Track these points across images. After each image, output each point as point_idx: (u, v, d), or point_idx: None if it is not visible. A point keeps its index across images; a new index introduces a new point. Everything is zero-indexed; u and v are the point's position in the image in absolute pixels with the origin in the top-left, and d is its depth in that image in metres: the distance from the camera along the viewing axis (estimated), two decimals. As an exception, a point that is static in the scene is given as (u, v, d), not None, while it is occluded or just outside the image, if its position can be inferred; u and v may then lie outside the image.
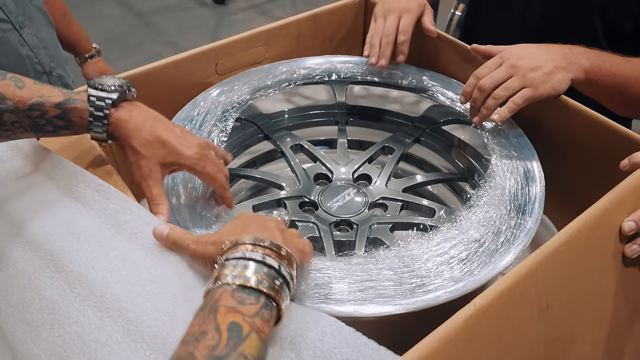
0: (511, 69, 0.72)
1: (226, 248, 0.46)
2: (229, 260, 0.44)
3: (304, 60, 0.93)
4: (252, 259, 0.44)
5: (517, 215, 0.64)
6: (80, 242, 0.53)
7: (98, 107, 0.56)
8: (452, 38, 0.90)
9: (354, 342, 0.44)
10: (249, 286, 0.42)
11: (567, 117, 0.75)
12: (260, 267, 0.43)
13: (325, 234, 0.74)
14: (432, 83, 0.89)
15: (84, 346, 0.46)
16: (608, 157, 0.67)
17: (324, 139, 0.98)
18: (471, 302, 0.48)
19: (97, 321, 0.47)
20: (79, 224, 0.54)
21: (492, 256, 0.59)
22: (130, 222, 0.54)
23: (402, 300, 0.54)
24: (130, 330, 0.46)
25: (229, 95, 0.85)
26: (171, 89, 0.85)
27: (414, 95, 0.94)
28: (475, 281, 0.56)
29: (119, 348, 0.45)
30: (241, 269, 0.43)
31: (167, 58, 0.84)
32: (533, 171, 0.71)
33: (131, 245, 0.52)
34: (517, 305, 0.50)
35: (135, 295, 0.48)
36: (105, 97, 0.57)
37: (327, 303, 0.53)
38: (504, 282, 0.49)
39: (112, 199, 0.56)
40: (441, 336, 0.45)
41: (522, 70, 0.71)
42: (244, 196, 0.93)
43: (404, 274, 0.57)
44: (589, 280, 0.56)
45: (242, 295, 0.41)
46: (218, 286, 0.42)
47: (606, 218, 0.57)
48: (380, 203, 0.80)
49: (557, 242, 0.53)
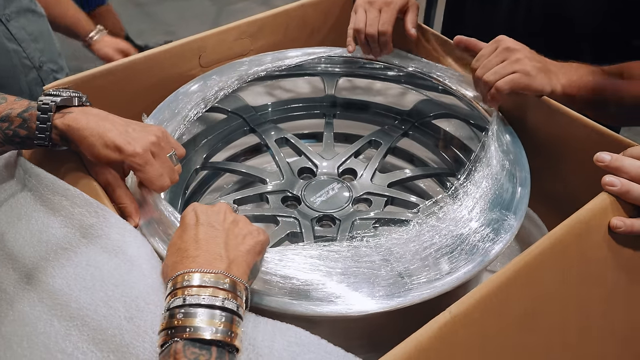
0: (505, 52, 0.69)
1: (169, 292, 0.43)
2: (175, 310, 0.41)
3: (291, 51, 0.90)
4: (199, 304, 0.41)
5: (500, 211, 0.61)
6: (48, 251, 0.51)
7: (43, 109, 0.55)
8: (436, 33, 0.86)
9: (319, 350, 0.43)
10: (200, 338, 0.40)
11: (555, 118, 0.72)
12: (208, 312, 0.41)
13: (307, 229, 0.72)
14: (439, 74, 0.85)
15: (51, 357, 0.45)
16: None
17: (312, 132, 0.96)
18: (447, 309, 0.46)
19: (63, 331, 0.46)
20: (47, 233, 0.53)
21: (472, 254, 0.56)
22: (95, 225, 0.53)
23: (374, 300, 0.51)
24: (96, 340, 0.45)
25: (209, 86, 0.82)
26: (153, 81, 0.82)
27: (405, 88, 0.91)
28: (455, 279, 0.53)
29: (84, 358, 0.44)
30: (190, 318, 0.40)
31: (148, 50, 0.82)
32: (521, 169, 0.68)
33: (96, 249, 0.51)
34: (498, 312, 0.48)
35: (98, 302, 0.46)
36: (50, 100, 0.55)
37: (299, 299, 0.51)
38: (482, 289, 0.47)
39: (78, 203, 0.54)
40: (413, 345, 0.43)
41: (516, 55, 0.68)
42: (231, 189, 0.91)
43: (381, 269, 0.54)
44: (575, 286, 0.54)
45: (195, 351, 0.39)
46: (168, 345, 0.40)
47: (595, 223, 0.55)
48: (365, 198, 0.78)
49: (540, 248, 0.51)
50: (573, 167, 0.72)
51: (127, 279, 0.48)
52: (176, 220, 0.56)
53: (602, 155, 0.58)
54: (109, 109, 0.63)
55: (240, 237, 0.48)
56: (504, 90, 0.67)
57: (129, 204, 0.57)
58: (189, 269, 0.43)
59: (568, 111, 0.70)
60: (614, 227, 0.54)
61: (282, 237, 0.71)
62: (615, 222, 0.54)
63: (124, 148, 0.55)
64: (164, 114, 0.76)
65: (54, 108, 0.55)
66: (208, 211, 0.49)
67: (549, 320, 0.51)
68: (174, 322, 0.40)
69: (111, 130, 0.55)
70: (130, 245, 0.51)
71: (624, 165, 0.57)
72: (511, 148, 0.71)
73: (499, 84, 0.67)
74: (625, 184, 0.56)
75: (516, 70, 0.67)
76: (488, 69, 0.69)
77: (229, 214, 0.50)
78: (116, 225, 0.53)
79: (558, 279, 0.52)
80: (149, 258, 0.51)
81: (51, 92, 0.57)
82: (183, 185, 0.80)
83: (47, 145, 0.57)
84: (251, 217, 0.74)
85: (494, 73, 0.68)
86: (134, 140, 0.55)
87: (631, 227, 0.54)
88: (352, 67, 0.91)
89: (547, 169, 0.75)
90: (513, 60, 0.68)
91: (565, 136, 0.72)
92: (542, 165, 0.73)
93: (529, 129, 0.75)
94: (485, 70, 0.69)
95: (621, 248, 0.56)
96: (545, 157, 0.75)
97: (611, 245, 0.55)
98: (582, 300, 0.54)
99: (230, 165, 0.85)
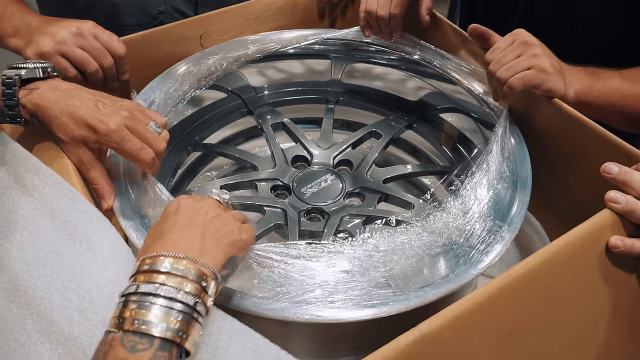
0: (521, 47, 0.64)
1: (132, 274, 0.41)
2: (131, 297, 0.39)
3: (300, 31, 0.86)
4: (157, 295, 0.38)
5: (493, 221, 0.58)
6: (14, 233, 0.50)
7: (8, 84, 0.52)
8: (450, 23, 0.81)
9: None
10: (147, 334, 0.37)
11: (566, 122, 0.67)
12: (164, 309, 0.38)
13: (292, 222, 0.69)
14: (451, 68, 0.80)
15: (5, 345, 0.44)
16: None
17: (313, 118, 0.92)
18: (416, 327, 0.43)
19: (20, 319, 0.45)
20: (16, 213, 0.51)
21: (458, 266, 0.53)
22: (64, 208, 0.51)
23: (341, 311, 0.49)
24: (48, 331, 0.43)
25: (206, 65, 0.79)
26: (151, 59, 0.79)
27: (414, 78, 0.87)
28: (433, 295, 0.50)
29: (35, 349, 0.43)
30: (143, 310, 0.38)
31: (147, 30, 0.79)
32: (522, 176, 0.64)
33: (61, 234, 0.49)
34: (474, 332, 0.45)
35: (54, 292, 0.45)
36: (13, 74, 0.53)
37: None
38: (457, 307, 0.44)
39: (50, 183, 0.52)
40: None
41: (533, 50, 0.63)
42: (227, 172, 0.89)
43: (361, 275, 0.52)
44: (565, 306, 0.50)
45: (134, 339, 0.36)
46: (108, 333, 0.37)
47: (591, 241, 0.51)
48: (358, 192, 0.75)
49: (528, 266, 0.47)
50: (580, 174, 0.68)
51: (86, 269, 0.46)
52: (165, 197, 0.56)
53: (610, 167, 0.54)
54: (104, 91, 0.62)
55: (220, 232, 0.45)
56: (516, 88, 0.63)
57: (103, 185, 0.56)
58: (158, 252, 0.41)
59: (579, 116, 0.65)
60: (612, 246, 0.50)
61: (267, 227, 0.69)
62: (614, 241, 0.50)
63: (97, 127, 0.53)
64: (155, 92, 0.73)
65: (18, 82, 0.53)
66: (192, 203, 0.47)
67: (529, 341, 0.48)
68: (125, 313, 0.38)
69: (80, 108, 0.53)
70: (97, 234, 0.49)
71: (633, 180, 0.52)
72: (515, 153, 0.66)
73: (511, 81, 0.63)
74: (631, 203, 0.52)
75: (532, 66, 0.62)
76: (502, 64, 0.64)
77: (213, 209, 0.47)
78: (85, 212, 0.51)
79: (543, 301, 0.48)
80: (113, 249, 0.49)
81: (15, 65, 0.54)
82: (173, 164, 0.78)
83: (21, 123, 0.54)
84: (238, 205, 0.72)
85: (508, 69, 0.63)
86: (106, 117, 0.53)
87: (631, 248, 0.50)
88: (364, 53, 0.87)
89: (553, 174, 0.70)
90: (530, 55, 0.63)
91: (575, 142, 0.67)
92: (548, 170, 0.69)
93: (537, 131, 0.71)
94: (499, 65, 0.64)
95: (616, 268, 0.52)
96: (552, 162, 0.70)
97: (606, 265, 0.51)
98: (567, 318, 0.50)
99: (223, 149, 0.82)
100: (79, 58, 0.68)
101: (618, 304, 0.52)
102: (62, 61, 0.68)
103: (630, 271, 0.52)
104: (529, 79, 0.62)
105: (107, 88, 0.74)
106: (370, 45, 0.85)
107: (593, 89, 0.66)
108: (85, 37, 0.69)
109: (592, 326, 0.52)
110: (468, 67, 0.77)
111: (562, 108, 0.66)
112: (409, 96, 0.89)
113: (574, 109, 0.66)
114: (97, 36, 0.70)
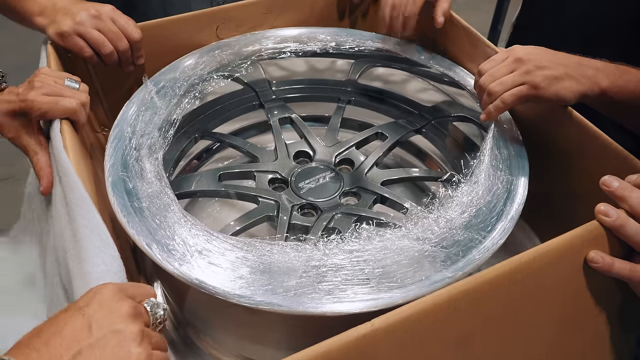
0: (515, 63, 0.64)
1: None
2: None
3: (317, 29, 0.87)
4: None
5: (478, 232, 0.56)
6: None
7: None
8: (467, 27, 0.81)
9: None
10: None
11: (573, 131, 0.65)
12: None
13: (284, 214, 0.69)
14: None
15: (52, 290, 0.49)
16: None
17: (325, 116, 0.92)
18: (370, 321, 0.42)
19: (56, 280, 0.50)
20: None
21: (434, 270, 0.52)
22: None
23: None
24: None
25: (222, 57, 0.81)
26: (167, 46, 0.81)
27: (434, 87, 0.86)
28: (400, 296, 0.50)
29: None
30: None
31: (166, 17, 0.81)
32: (516, 188, 0.62)
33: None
34: (429, 333, 0.44)
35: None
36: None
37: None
38: (415, 306, 0.43)
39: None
40: (321, 352, 0.40)
41: (527, 66, 0.63)
42: (236, 163, 0.90)
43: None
44: (531, 317, 0.48)
45: None
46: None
47: (570, 253, 0.49)
48: (354, 192, 0.75)
49: (496, 272, 0.46)
50: (581, 183, 0.66)
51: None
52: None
53: (609, 180, 0.52)
54: (117, 74, 0.66)
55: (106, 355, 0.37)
56: (508, 102, 0.63)
57: (38, 153, 0.60)
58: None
59: (587, 124, 0.64)
60: (590, 260, 0.48)
61: (258, 218, 0.70)
62: (593, 255, 0.48)
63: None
64: (166, 79, 0.76)
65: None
66: (106, 306, 0.39)
67: (489, 350, 0.46)
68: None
69: None
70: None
71: (631, 196, 0.50)
72: (511, 159, 0.65)
73: (504, 96, 0.63)
74: (622, 218, 0.49)
75: (524, 82, 0.62)
76: (495, 77, 0.64)
77: (122, 324, 0.38)
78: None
79: (508, 310, 0.47)
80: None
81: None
82: (178, 151, 0.80)
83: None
84: (233, 193, 0.73)
85: (500, 83, 0.64)
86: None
87: (609, 267, 0.48)
88: (387, 61, 0.88)
89: (553, 180, 0.69)
90: (522, 71, 0.63)
91: (577, 149, 0.66)
92: (548, 174, 0.68)
93: (539, 135, 0.70)
94: (491, 78, 0.65)
95: (592, 285, 0.50)
96: (553, 167, 0.69)
97: (581, 279, 0.49)
98: (533, 330, 0.49)
99: (226, 138, 0.83)
100: (95, 39, 0.72)
101: (590, 321, 0.50)
102: (79, 41, 0.71)
103: (606, 290, 0.50)
104: (522, 94, 0.62)
105: (123, 71, 0.77)
106: (393, 53, 0.85)
107: (623, 88, 0.63)
108: (103, 20, 0.72)
109: (559, 340, 0.50)
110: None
111: (570, 115, 0.65)
112: (423, 102, 0.89)
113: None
114: (115, 20, 0.73)
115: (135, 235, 0.55)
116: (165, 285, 0.69)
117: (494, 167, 0.64)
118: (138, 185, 0.61)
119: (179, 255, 0.54)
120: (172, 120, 0.71)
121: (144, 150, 0.65)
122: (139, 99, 0.73)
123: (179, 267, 0.52)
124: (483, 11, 1.96)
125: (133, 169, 0.63)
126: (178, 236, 0.55)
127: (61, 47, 0.73)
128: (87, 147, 0.71)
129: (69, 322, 0.37)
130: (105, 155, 0.64)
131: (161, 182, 0.62)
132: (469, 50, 0.81)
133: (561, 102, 0.63)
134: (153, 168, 0.63)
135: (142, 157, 0.64)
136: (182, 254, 0.54)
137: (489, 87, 0.64)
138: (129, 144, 0.66)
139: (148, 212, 0.58)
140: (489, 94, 0.64)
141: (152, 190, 0.60)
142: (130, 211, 0.58)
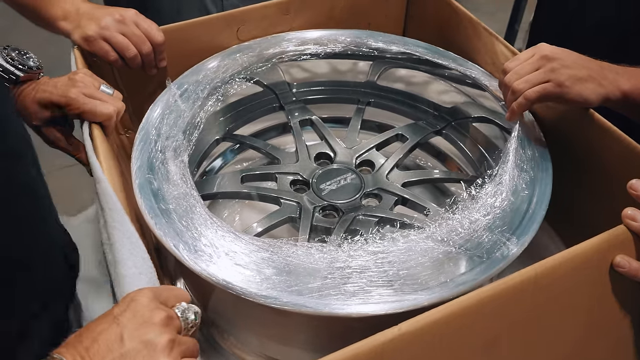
0: (541, 60, 0.64)
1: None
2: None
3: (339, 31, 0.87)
4: None
5: (502, 234, 0.56)
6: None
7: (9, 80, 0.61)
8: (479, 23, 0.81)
9: None
10: None
11: (595, 134, 0.65)
12: None
13: (306, 216, 0.70)
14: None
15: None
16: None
17: (346, 117, 0.93)
18: (397, 325, 0.43)
19: None
20: None
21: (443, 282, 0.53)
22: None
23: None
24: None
25: (243, 60, 0.81)
26: (189, 49, 0.83)
27: (455, 88, 0.86)
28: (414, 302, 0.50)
29: None
30: None
31: (186, 21, 0.82)
32: (541, 189, 0.62)
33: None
34: (456, 337, 0.45)
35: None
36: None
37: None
38: (442, 311, 0.44)
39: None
40: (349, 356, 0.41)
41: (552, 64, 0.62)
42: (257, 164, 0.90)
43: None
44: (557, 322, 0.49)
45: None
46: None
47: (597, 258, 0.49)
48: (376, 194, 0.75)
49: (521, 277, 0.46)
50: (605, 187, 0.66)
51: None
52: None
53: (637, 184, 0.51)
54: (140, 77, 0.68)
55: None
56: (531, 99, 0.62)
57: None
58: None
59: (610, 127, 0.64)
60: (617, 265, 0.49)
61: (281, 219, 0.70)
62: (619, 260, 0.48)
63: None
64: (188, 82, 0.77)
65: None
66: (139, 316, 0.40)
67: (515, 354, 0.47)
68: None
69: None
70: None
71: None
72: (535, 161, 0.65)
73: (527, 92, 0.62)
74: None
75: (549, 80, 0.62)
76: (520, 75, 0.64)
77: (153, 334, 0.39)
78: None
79: (533, 314, 0.47)
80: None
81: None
82: (200, 153, 0.80)
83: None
84: (256, 194, 0.74)
85: (525, 81, 0.63)
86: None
87: (636, 271, 0.48)
88: (406, 62, 0.87)
89: (577, 183, 0.69)
90: (548, 69, 0.62)
91: (600, 152, 0.66)
92: (571, 177, 0.68)
93: (564, 139, 0.69)
94: (517, 76, 0.64)
95: (619, 289, 0.50)
96: (576, 170, 0.69)
97: (607, 284, 0.49)
98: (559, 334, 0.49)
99: (247, 140, 0.84)
100: (120, 43, 0.73)
101: (613, 325, 0.50)
102: (105, 45, 0.73)
103: (633, 294, 0.50)
104: (546, 91, 0.62)
105: (146, 74, 0.78)
106: (413, 55, 0.85)
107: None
108: (127, 24, 0.73)
109: (584, 344, 0.50)
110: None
111: (591, 117, 0.65)
112: (444, 103, 0.89)
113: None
114: (138, 24, 0.74)
115: (163, 237, 0.56)
116: (190, 285, 0.70)
117: (519, 168, 0.64)
118: (164, 187, 0.62)
119: (206, 256, 0.55)
120: (195, 123, 0.72)
121: (169, 153, 0.66)
122: (163, 101, 0.74)
123: (207, 268, 0.53)
124: (497, 19, 1.95)
125: (159, 172, 0.64)
126: (205, 237, 0.56)
127: (87, 51, 0.74)
128: (115, 150, 0.72)
129: (104, 332, 0.39)
130: (131, 158, 0.65)
131: (187, 184, 0.63)
132: (487, 50, 0.80)
133: (584, 103, 0.63)
134: (178, 170, 0.64)
135: (167, 160, 0.65)
136: (209, 255, 0.55)
137: (513, 85, 0.64)
138: (154, 146, 0.67)
139: (175, 214, 0.59)
140: (513, 92, 0.64)
141: (177, 192, 0.61)
142: (157, 213, 0.59)
